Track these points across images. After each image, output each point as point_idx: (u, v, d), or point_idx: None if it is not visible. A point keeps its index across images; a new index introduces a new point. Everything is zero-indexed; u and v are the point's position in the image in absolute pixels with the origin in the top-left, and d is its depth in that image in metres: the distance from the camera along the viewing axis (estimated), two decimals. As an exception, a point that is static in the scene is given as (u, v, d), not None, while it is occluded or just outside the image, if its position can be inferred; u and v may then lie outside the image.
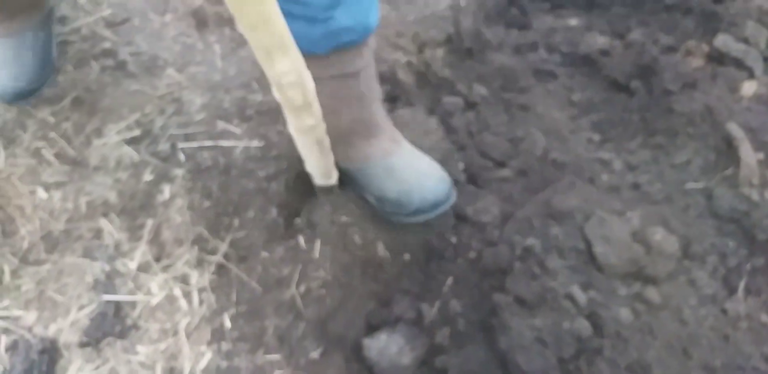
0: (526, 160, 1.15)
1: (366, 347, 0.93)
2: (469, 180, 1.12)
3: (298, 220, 1.05)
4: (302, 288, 0.98)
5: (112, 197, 1.07)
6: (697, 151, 1.11)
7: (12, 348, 0.93)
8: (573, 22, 1.46)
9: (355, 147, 1.00)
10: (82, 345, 0.94)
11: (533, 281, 0.94)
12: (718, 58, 1.25)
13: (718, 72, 1.23)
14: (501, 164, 1.16)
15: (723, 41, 1.25)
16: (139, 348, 0.93)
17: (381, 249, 1.02)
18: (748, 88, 1.20)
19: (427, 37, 1.34)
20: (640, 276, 0.96)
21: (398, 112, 1.18)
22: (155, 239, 1.03)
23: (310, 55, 0.75)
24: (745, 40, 1.25)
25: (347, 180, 1.04)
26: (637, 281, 0.96)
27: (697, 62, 1.26)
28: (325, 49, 0.85)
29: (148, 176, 1.08)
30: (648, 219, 1.00)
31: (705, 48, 1.27)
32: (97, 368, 0.92)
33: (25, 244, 1.03)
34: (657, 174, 1.13)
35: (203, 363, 0.91)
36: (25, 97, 1.17)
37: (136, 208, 1.06)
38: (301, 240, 1.02)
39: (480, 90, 1.30)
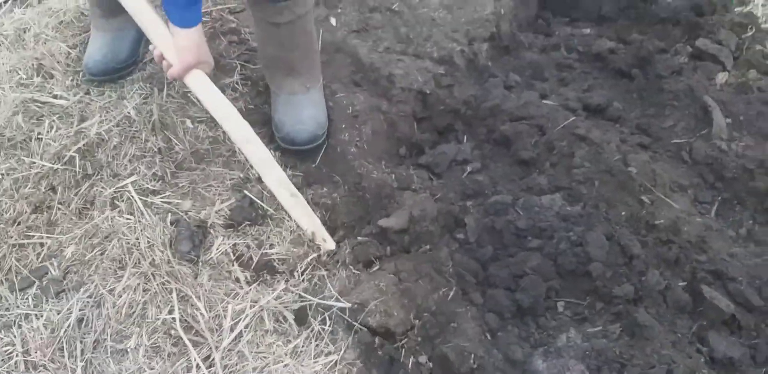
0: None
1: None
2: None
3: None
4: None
5: (242, 129, 1.42)
6: (681, 118, 1.48)
7: (175, 222, 1.26)
8: (586, 31, 1.86)
9: (274, 77, 1.38)
10: (226, 226, 1.27)
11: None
12: (698, 55, 1.64)
13: (698, 65, 1.61)
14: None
15: (702, 43, 1.64)
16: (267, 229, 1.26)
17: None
18: (722, 77, 1.59)
19: (475, 34, 1.73)
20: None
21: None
22: (277, 158, 1.37)
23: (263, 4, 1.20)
24: (719, 43, 1.64)
25: None
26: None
27: (682, 59, 1.64)
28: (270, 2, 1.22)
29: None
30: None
31: (689, 49, 1.66)
32: (235, 241, 1.25)
33: (179, 157, 1.37)
34: (653, 133, 1.49)
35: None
36: (110, 74, 1.47)
37: (261, 138, 1.41)
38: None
39: (515, 77, 1.68)
